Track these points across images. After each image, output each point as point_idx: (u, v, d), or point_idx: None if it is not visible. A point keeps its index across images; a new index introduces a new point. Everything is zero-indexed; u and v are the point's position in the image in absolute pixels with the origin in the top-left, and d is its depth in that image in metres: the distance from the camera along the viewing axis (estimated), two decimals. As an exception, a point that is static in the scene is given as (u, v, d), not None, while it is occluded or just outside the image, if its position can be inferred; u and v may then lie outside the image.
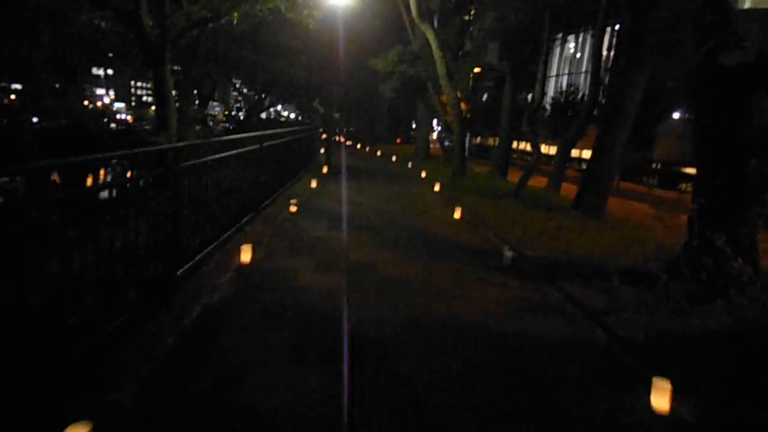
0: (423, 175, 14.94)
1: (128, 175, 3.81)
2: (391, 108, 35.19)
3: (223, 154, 5.56)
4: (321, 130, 21.42)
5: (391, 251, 6.05)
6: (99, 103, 55.23)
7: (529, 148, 46.75)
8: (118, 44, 18.07)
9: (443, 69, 14.26)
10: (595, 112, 13.58)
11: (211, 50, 20.98)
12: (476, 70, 20.58)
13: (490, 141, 42.18)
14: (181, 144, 4.94)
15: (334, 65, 26.02)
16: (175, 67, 18.76)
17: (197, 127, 20.29)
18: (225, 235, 5.50)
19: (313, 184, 10.73)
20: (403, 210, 8.97)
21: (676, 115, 32.17)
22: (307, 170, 13.19)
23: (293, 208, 7.88)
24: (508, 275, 5.40)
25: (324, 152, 15.47)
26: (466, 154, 15.25)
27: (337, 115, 63.75)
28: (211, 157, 5.10)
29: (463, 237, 7.21)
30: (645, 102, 19.22)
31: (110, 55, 24.32)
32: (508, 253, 5.91)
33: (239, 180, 6.41)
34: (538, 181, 15.43)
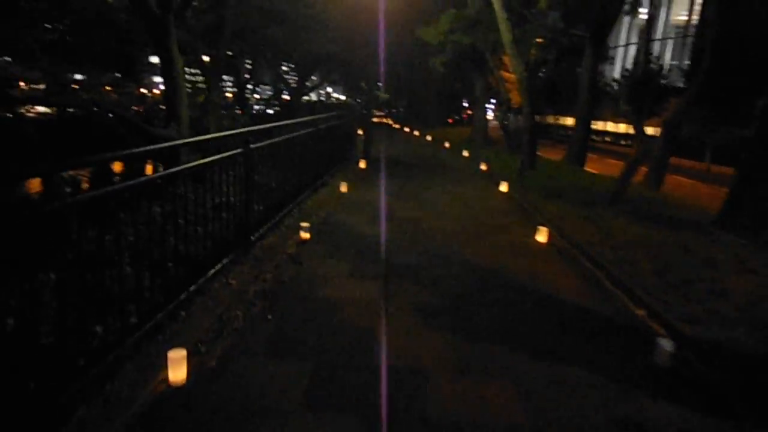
0: (483, 167, 12.19)
1: None
2: (442, 86, 32.09)
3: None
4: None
5: (450, 334, 3.52)
6: (156, 91, 55.16)
7: (607, 126, 42.18)
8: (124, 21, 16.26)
9: (509, 35, 11.40)
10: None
11: (239, 28, 18.90)
12: (538, 40, 17.42)
13: (550, 119, 38.33)
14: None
15: (376, 39, 23.42)
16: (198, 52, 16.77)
17: (222, 112, 18.29)
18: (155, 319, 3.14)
19: (343, 188, 8.29)
20: (463, 231, 6.37)
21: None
22: (341, 167, 10.77)
23: (305, 235, 5.49)
24: (675, 401, 2.77)
25: (364, 142, 12.98)
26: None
27: (386, 96, 61.14)
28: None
29: (562, 287, 4.56)
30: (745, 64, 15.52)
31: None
32: (665, 345, 3.25)
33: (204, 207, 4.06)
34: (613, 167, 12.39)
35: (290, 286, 4.20)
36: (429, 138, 21.67)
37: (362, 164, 11.30)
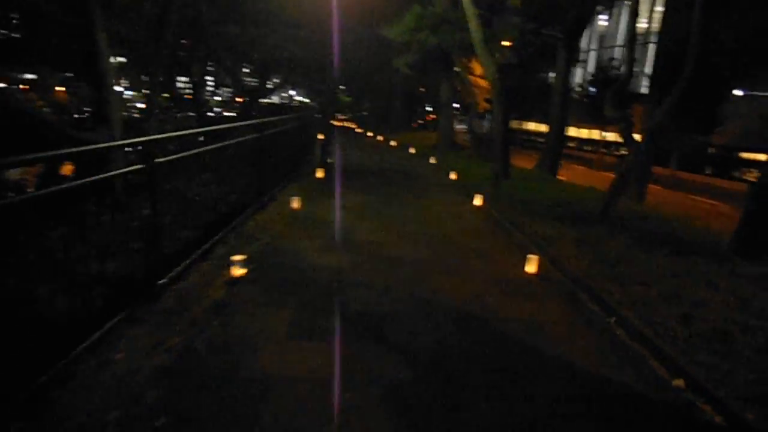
0: (453, 177, 11.19)
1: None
2: (406, 89, 31.12)
3: None
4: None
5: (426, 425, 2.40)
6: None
7: (569, 131, 41.96)
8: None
9: (479, 33, 10.47)
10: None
11: (188, 22, 17.37)
12: (505, 43, 16.71)
13: (514, 124, 38.04)
14: None
15: (337, 38, 22.19)
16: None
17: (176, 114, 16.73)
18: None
19: (295, 203, 7.07)
20: (436, 259, 5.26)
21: (738, 92, 27.77)
22: (295, 177, 9.54)
23: (238, 271, 4.27)
24: None
25: (321, 148, 11.77)
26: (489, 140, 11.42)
27: (348, 99, 60.04)
28: None
29: (568, 344, 3.52)
30: (704, 73, 15.19)
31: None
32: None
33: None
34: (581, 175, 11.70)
35: (205, 357, 2.97)
36: (393, 143, 20.61)
37: (320, 173, 10.09)
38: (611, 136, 34.61)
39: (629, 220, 7.19)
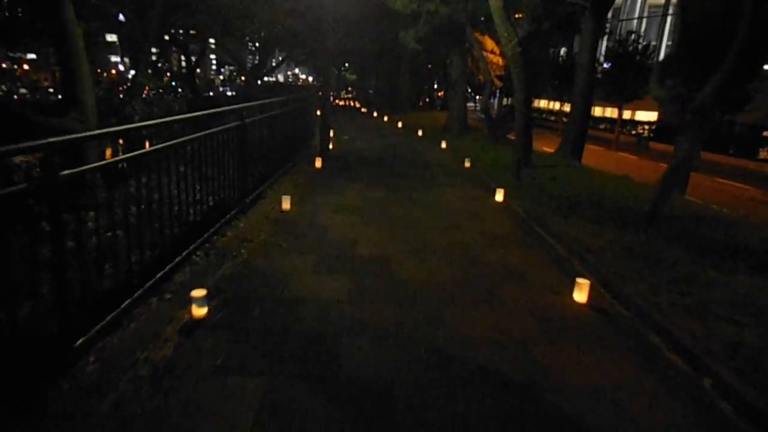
0: (467, 165, 10.02)
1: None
2: (414, 65, 29.58)
3: None
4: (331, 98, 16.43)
5: None
6: (113, 71, 50.85)
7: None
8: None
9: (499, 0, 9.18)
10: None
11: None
12: (518, 15, 15.31)
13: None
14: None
15: (339, 10, 20.85)
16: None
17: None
18: None
19: (286, 203, 5.97)
20: (457, 283, 4.14)
21: None
22: (290, 168, 8.43)
23: (198, 311, 3.20)
24: None
25: (321, 133, 10.61)
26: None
27: (352, 77, 58.39)
28: None
29: (646, 423, 2.44)
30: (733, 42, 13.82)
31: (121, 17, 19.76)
32: None
33: None
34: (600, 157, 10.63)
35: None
36: (399, 125, 19.35)
37: (318, 163, 8.97)
38: (627, 114, 33.07)
39: (683, 221, 6.04)
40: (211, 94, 37.55)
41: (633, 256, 4.75)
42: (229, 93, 42.51)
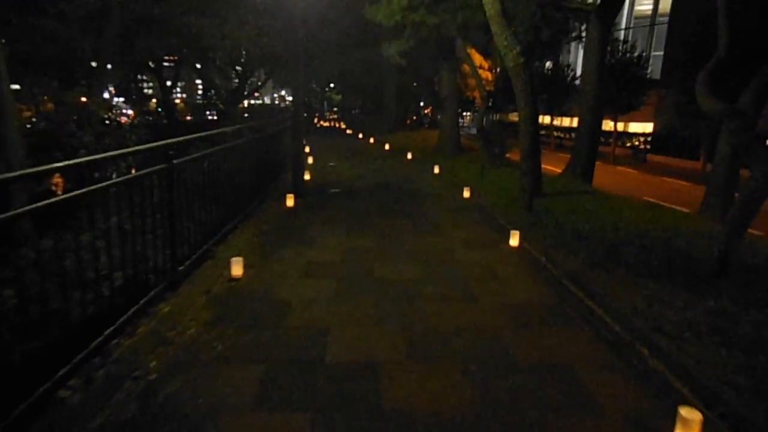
0: (466, 194, 8.58)
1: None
2: (399, 82, 28.34)
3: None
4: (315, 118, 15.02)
5: None
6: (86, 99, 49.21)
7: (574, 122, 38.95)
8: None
9: (497, 4, 7.88)
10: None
11: (140, 16, 14.75)
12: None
13: (512, 117, 35.41)
14: None
15: (318, 28, 19.63)
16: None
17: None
18: None
19: (237, 268, 4.43)
20: (488, 424, 2.64)
21: None
22: (254, 210, 6.92)
23: None
24: None
25: (292, 163, 9.10)
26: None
27: (338, 97, 57.30)
28: None
29: None
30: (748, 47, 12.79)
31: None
32: None
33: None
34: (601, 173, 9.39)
35: None
36: (387, 146, 17.97)
37: (289, 201, 7.48)
38: (620, 126, 31.97)
39: (764, 272, 4.60)
40: (188, 118, 36.17)
41: (725, 338, 3.28)
42: (211, 117, 41.06)
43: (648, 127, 32.98)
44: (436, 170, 11.58)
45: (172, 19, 14.85)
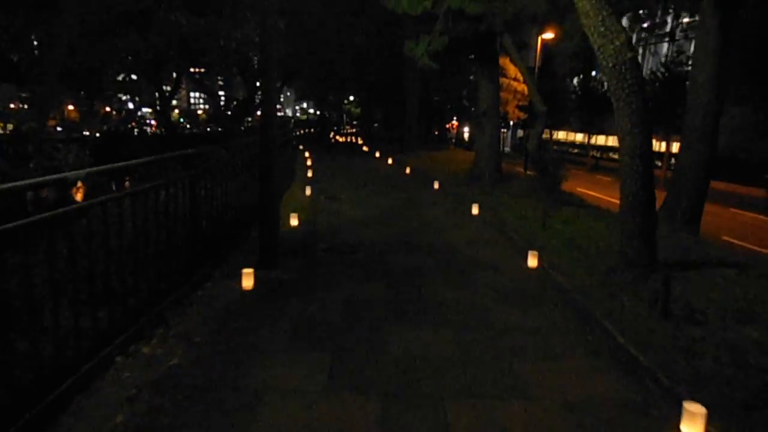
0: (532, 262, 5.53)
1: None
2: (423, 93, 25.29)
3: None
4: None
5: None
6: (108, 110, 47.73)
7: (608, 141, 34.92)
8: None
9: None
10: None
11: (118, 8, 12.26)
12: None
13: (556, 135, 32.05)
14: None
15: (335, 31, 17.05)
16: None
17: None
18: None
19: None
20: None
21: None
22: (188, 293, 3.96)
23: None
24: None
25: (264, 216, 6.14)
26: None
27: (357, 111, 54.75)
28: None
29: None
30: None
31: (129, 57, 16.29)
32: None
33: None
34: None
35: None
36: (407, 170, 15.00)
37: (247, 280, 4.52)
38: (663, 146, 28.37)
39: None
40: (194, 130, 33.93)
41: None
42: (219, 129, 38.82)
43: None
44: (474, 210, 8.55)
45: (151, 15, 12.22)
